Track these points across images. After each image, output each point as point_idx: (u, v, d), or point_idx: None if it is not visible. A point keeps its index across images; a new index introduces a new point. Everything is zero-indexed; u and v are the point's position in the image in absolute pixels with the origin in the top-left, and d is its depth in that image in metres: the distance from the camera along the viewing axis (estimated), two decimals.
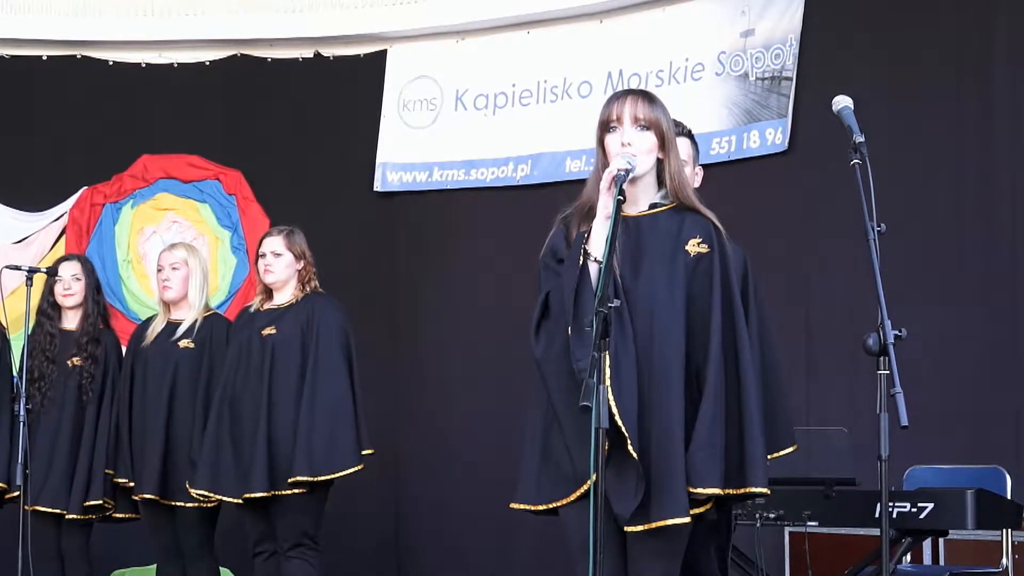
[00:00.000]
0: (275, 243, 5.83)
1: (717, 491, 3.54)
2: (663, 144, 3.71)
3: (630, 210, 3.68)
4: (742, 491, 3.59)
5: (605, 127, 3.72)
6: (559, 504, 3.65)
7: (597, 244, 3.57)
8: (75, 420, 6.08)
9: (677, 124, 4.13)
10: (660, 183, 3.76)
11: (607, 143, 3.71)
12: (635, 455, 3.49)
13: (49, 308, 6.22)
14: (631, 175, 3.59)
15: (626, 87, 7.73)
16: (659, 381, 3.57)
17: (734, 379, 3.61)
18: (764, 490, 3.58)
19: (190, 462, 5.78)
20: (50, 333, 6.17)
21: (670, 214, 3.71)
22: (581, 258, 3.60)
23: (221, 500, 5.71)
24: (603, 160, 3.70)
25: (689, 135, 4.32)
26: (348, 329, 5.77)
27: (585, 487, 3.52)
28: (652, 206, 3.73)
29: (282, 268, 5.81)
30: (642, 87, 7.57)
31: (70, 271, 6.24)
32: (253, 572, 5.80)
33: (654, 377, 3.57)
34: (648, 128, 3.68)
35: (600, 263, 3.50)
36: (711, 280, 3.64)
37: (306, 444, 5.54)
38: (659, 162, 3.73)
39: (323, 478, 5.57)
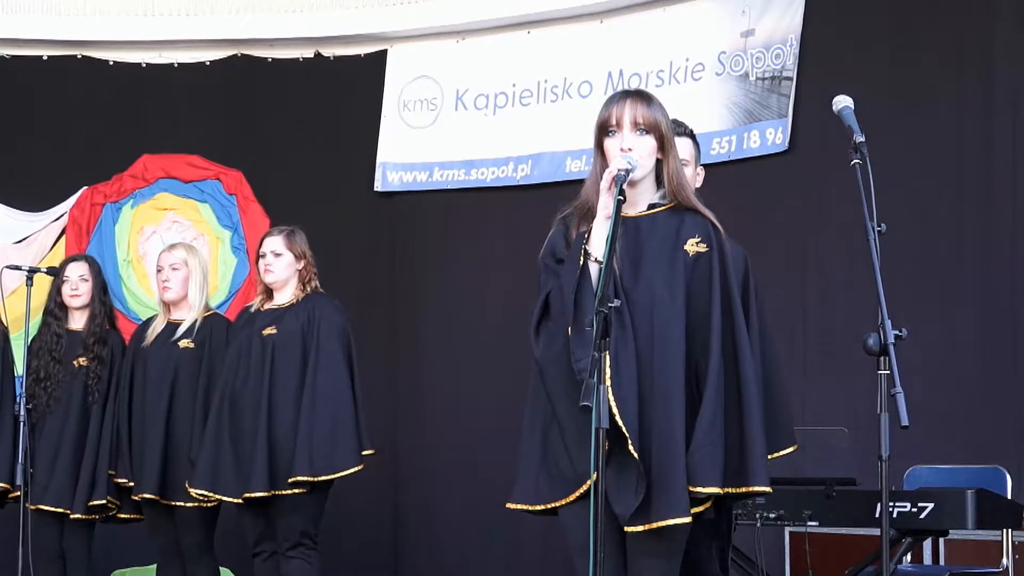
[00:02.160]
0: (275, 243, 5.83)
1: (717, 490, 3.54)
2: (662, 145, 3.71)
3: (629, 211, 3.68)
4: (743, 490, 3.58)
5: (604, 130, 3.71)
6: (558, 504, 3.65)
7: (597, 244, 3.57)
8: (80, 420, 6.09)
9: (679, 124, 4.13)
10: (659, 183, 3.76)
11: (606, 147, 3.70)
12: (636, 455, 3.50)
13: (56, 308, 6.23)
14: (631, 176, 3.59)
15: (626, 87, 7.73)
16: (659, 381, 3.56)
17: (734, 378, 3.60)
18: (766, 488, 3.58)
19: (190, 462, 5.79)
20: (56, 333, 6.17)
21: (668, 214, 3.71)
22: (581, 258, 3.60)
23: (221, 500, 5.72)
24: (601, 162, 3.70)
25: (691, 135, 4.31)
26: (348, 329, 5.78)
27: (585, 487, 3.52)
28: (651, 206, 3.73)
29: (282, 268, 5.81)
30: (642, 87, 7.58)
31: (77, 272, 6.24)
32: (253, 572, 5.81)
33: (654, 377, 3.57)
34: (648, 132, 3.68)
35: (600, 263, 3.50)
36: (710, 279, 3.64)
37: (307, 444, 5.54)
38: (658, 162, 3.73)
39: (324, 478, 5.58)
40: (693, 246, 3.66)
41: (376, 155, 8.36)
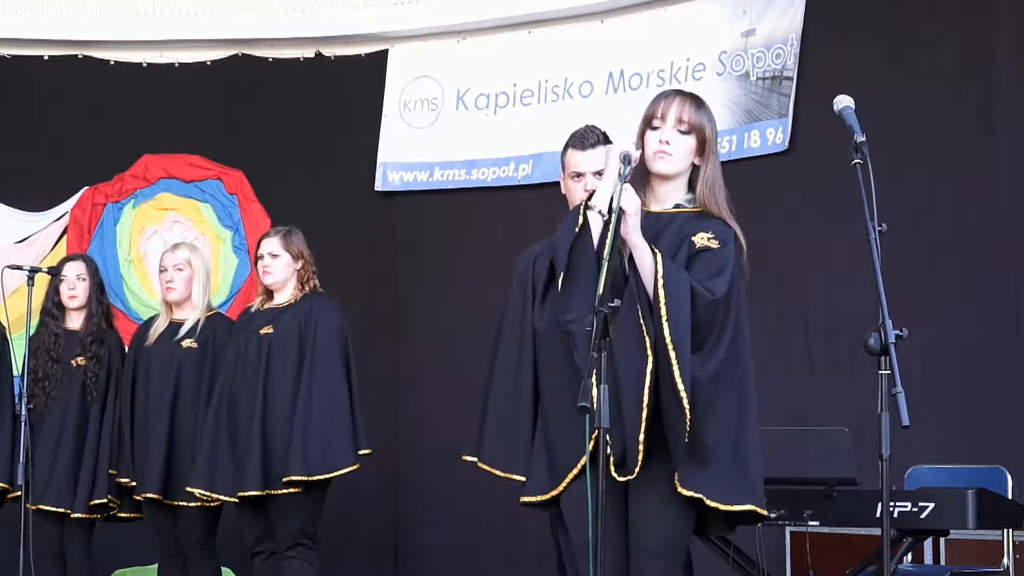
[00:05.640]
0: (272, 244, 5.84)
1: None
2: (702, 150, 3.71)
3: (654, 206, 3.70)
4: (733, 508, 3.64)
5: (648, 123, 3.72)
6: (557, 491, 3.68)
7: (600, 197, 3.59)
8: (79, 420, 6.10)
9: (592, 131, 4.18)
10: (691, 187, 3.76)
11: (647, 139, 3.71)
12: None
13: (53, 308, 6.24)
14: (630, 159, 3.58)
15: (627, 87, 7.75)
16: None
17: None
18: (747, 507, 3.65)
19: (192, 461, 5.79)
20: (54, 333, 6.18)
21: (691, 217, 3.71)
22: (580, 217, 3.60)
23: (218, 499, 5.72)
24: (638, 157, 3.72)
25: (607, 142, 4.32)
26: (346, 329, 5.77)
27: (570, 476, 3.59)
28: (676, 206, 3.73)
29: (280, 269, 5.81)
30: (643, 87, 7.59)
31: (75, 271, 6.25)
32: (251, 572, 5.81)
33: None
34: (689, 132, 3.69)
35: (603, 215, 3.52)
36: (721, 269, 3.62)
37: (301, 443, 5.54)
38: (695, 167, 3.73)
39: (318, 477, 5.57)
40: (703, 240, 3.65)
41: (377, 155, 8.36)
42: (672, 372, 3.44)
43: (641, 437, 3.48)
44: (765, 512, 3.64)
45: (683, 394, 3.43)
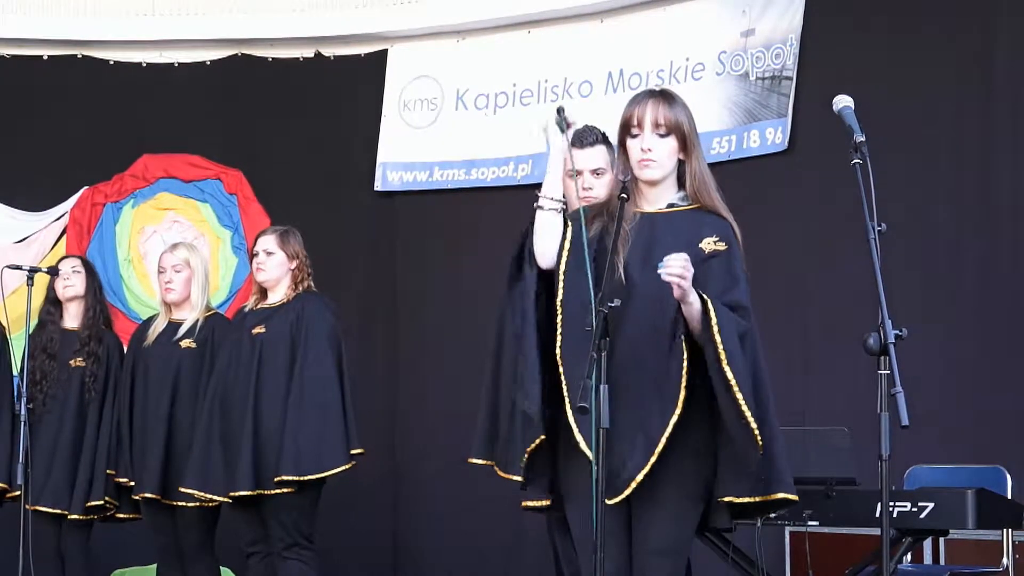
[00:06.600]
0: (268, 242, 5.83)
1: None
2: (684, 146, 3.71)
3: (646, 207, 3.70)
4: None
5: (626, 130, 3.72)
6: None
7: (548, 186, 3.79)
8: (77, 420, 6.10)
9: (591, 130, 4.18)
10: (681, 184, 3.76)
11: (628, 147, 3.71)
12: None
13: (50, 306, 6.24)
14: (651, 176, 3.63)
15: (627, 87, 7.74)
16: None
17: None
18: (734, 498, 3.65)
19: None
20: (52, 332, 6.18)
21: (686, 214, 3.71)
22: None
23: (212, 499, 5.71)
24: (624, 162, 3.71)
25: (606, 142, 4.33)
26: (338, 328, 5.76)
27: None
28: (669, 205, 3.73)
29: (274, 267, 5.80)
30: (643, 87, 7.58)
31: (69, 264, 6.33)
32: (247, 572, 5.80)
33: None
34: (669, 133, 3.68)
35: (555, 203, 3.68)
36: (731, 274, 3.63)
37: (293, 443, 5.53)
38: (681, 163, 3.73)
39: (309, 477, 5.56)
40: (710, 244, 3.66)
41: (376, 155, 8.36)
42: (740, 410, 3.47)
43: (640, 477, 3.52)
44: (795, 497, 3.65)
45: (754, 429, 3.47)
